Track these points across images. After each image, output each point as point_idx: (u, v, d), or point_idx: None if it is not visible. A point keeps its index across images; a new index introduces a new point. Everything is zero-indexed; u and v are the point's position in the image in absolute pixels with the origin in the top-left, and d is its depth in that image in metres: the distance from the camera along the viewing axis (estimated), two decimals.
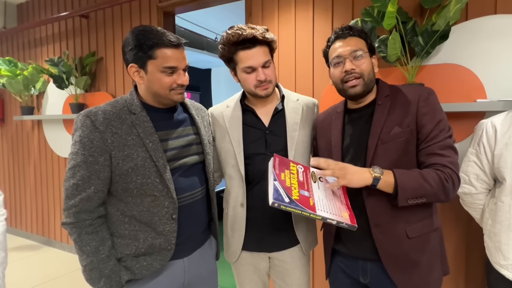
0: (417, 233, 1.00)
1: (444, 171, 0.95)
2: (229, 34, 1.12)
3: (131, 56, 1.00)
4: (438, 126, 0.98)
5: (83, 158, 0.95)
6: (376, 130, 1.02)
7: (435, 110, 1.00)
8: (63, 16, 2.95)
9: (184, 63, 1.04)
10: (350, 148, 1.09)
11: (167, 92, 1.03)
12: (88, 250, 0.96)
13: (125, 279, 1.01)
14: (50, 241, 3.39)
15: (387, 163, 1.00)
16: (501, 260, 1.15)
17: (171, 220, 1.03)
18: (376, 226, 1.01)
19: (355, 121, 1.11)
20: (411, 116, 1.00)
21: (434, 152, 0.97)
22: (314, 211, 0.91)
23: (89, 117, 0.97)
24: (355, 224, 0.93)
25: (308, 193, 0.97)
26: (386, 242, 1.01)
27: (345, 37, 1.06)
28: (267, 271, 1.30)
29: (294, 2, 1.99)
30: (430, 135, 0.98)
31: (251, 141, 1.20)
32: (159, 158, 1.01)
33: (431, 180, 0.93)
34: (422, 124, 0.99)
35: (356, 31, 1.06)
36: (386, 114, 1.03)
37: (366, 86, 1.04)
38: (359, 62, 1.03)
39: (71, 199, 0.95)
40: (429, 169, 0.97)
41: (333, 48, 1.08)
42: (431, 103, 1.01)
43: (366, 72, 1.04)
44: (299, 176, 1.01)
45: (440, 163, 0.96)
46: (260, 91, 1.15)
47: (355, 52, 1.03)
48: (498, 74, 1.46)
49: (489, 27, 1.48)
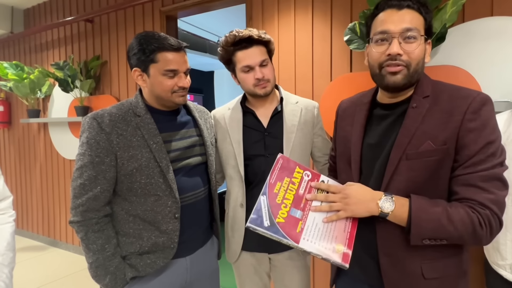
0: (437, 274, 0.80)
1: (481, 213, 0.73)
2: (226, 37, 1.17)
3: (134, 60, 1.04)
4: (487, 149, 0.74)
5: (90, 158, 0.98)
6: (402, 140, 0.80)
7: (487, 126, 0.75)
8: (69, 20, 3.00)
9: (185, 66, 1.07)
10: (369, 153, 0.89)
11: (169, 95, 1.06)
12: (94, 248, 0.99)
13: (129, 276, 1.03)
14: (55, 242, 3.43)
15: (408, 184, 0.80)
16: (499, 260, 1.16)
17: (174, 219, 1.05)
18: (386, 255, 0.83)
19: (382, 120, 0.89)
20: (452, 130, 0.76)
21: (473, 184, 0.74)
22: (297, 241, 0.77)
23: (95, 119, 1.00)
24: (346, 264, 0.77)
25: (300, 214, 0.81)
26: (396, 278, 0.82)
27: (401, 7, 0.80)
28: (268, 272, 1.31)
29: (293, 6, 2.02)
30: (473, 159, 0.74)
31: (251, 142, 1.22)
32: (163, 159, 1.03)
33: (458, 222, 0.73)
34: (464, 143, 0.75)
35: (417, 2, 0.80)
36: (420, 122, 0.80)
37: (409, 78, 0.81)
38: (410, 47, 0.79)
39: (79, 198, 0.98)
40: (459, 206, 0.74)
41: (381, 19, 0.81)
42: (483, 116, 0.75)
43: (415, 61, 0.80)
44: (300, 187, 0.85)
45: (478, 200, 0.73)
46: (259, 89, 1.18)
47: (409, 32, 0.78)
48: (495, 75, 1.48)
49: (486, 29, 1.50)
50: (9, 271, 1.24)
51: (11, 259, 1.26)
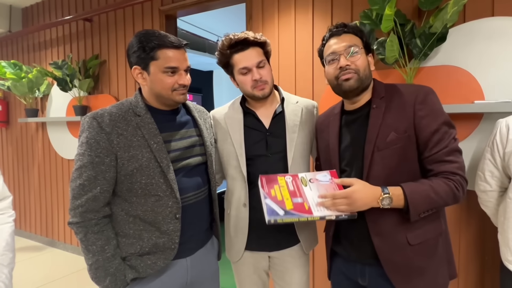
0: (419, 239, 0.96)
1: (454, 179, 0.92)
2: (223, 40, 1.18)
3: (134, 58, 1.03)
4: (441, 129, 0.93)
5: (90, 158, 0.97)
6: (371, 136, 0.98)
7: (434, 111, 0.95)
8: (67, 19, 2.99)
9: (185, 64, 1.06)
10: (346, 152, 1.06)
11: (169, 93, 1.05)
12: (94, 249, 0.98)
13: (130, 278, 1.02)
14: (53, 242, 3.42)
15: (385, 170, 0.96)
16: (509, 256, 1.17)
17: (175, 219, 1.05)
18: (377, 234, 0.98)
19: (351, 124, 1.08)
20: (408, 120, 0.95)
21: (441, 160, 0.93)
22: (311, 213, 0.93)
23: (95, 119, 0.99)
24: (355, 214, 0.93)
25: (301, 199, 0.97)
26: (388, 251, 0.97)
27: (340, 34, 1.03)
28: (267, 270, 1.31)
29: (294, 5, 2.02)
30: (432, 139, 0.93)
31: (252, 142, 1.22)
32: (163, 159, 1.03)
33: (443, 193, 0.91)
34: (420, 128, 0.94)
35: (351, 28, 1.04)
36: (382, 119, 0.98)
37: (361, 82, 1.01)
38: (354, 59, 1.00)
39: (78, 199, 0.97)
40: (438, 180, 0.92)
41: (328, 45, 1.05)
42: (429, 103, 0.95)
43: (361, 68, 1.00)
44: (289, 186, 1.02)
45: (449, 170, 0.92)
46: (257, 91, 1.18)
47: (350, 48, 1.00)
48: (496, 75, 1.48)
49: (487, 29, 1.50)
50: (9, 271, 1.23)
51: (10, 260, 1.25)
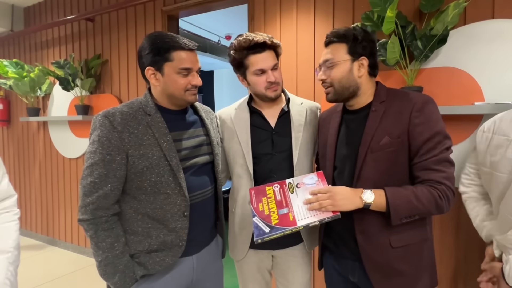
0: (402, 243, 0.98)
1: (439, 188, 0.92)
2: (240, 40, 1.19)
3: (148, 59, 1.05)
4: (434, 138, 0.94)
5: (101, 156, 0.99)
6: (366, 138, 1.00)
7: (430, 120, 0.95)
8: (69, 19, 2.99)
9: (197, 65, 1.09)
10: (342, 151, 1.09)
11: (182, 93, 1.07)
12: (103, 246, 1.00)
13: (139, 275, 1.04)
14: (54, 240, 3.42)
15: (375, 173, 0.99)
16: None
17: (183, 217, 1.07)
18: (361, 233, 1.01)
19: (350, 123, 1.11)
20: (403, 126, 0.97)
21: (429, 168, 0.94)
22: (295, 224, 0.95)
23: (107, 117, 1.01)
24: (337, 213, 0.95)
25: (287, 209, 1.00)
26: (370, 250, 1.00)
27: (326, 45, 1.07)
28: (269, 269, 1.33)
29: (295, 6, 2.04)
30: (423, 147, 0.95)
31: (259, 141, 1.25)
32: (173, 158, 1.05)
33: (424, 200, 0.92)
34: (414, 135, 0.95)
35: (336, 35, 1.04)
36: (379, 122, 1.00)
37: (337, 94, 1.05)
38: (330, 72, 1.05)
39: (89, 197, 0.98)
40: (422, 187, 0.94)
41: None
42: (425, 113, 0.96)
43: (336, 80, 1.04)
44: (276, 196, 1.05)
45: (435, 179, 0.93)
46: (270, 92, 1.22)
47: (325, 63, 1.05)
48: (496, 77, 1.50)
49: (487, 32, 1.52)
50: (14, 268, 1.24)
51: (15, 257, 1.26)
